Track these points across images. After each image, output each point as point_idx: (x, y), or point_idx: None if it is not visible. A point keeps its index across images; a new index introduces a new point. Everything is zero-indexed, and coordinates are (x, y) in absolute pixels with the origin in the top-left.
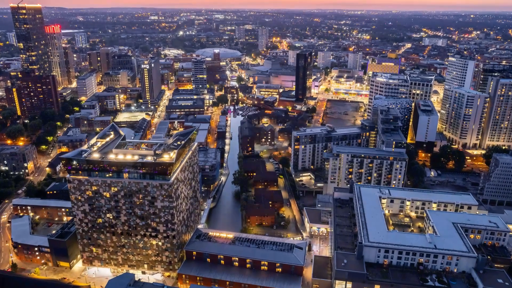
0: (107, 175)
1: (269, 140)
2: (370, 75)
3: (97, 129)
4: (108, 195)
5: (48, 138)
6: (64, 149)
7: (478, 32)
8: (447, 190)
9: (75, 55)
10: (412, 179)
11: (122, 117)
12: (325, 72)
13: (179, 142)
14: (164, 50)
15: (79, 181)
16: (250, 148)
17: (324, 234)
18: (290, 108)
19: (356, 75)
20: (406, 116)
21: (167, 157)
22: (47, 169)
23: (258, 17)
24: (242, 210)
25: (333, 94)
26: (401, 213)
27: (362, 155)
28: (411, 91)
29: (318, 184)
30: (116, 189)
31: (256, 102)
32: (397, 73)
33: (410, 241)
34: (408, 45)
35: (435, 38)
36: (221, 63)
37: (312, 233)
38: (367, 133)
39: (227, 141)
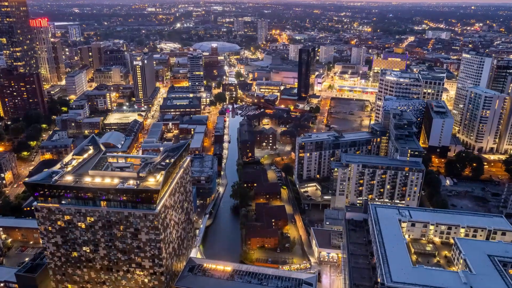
0: (82, 203)
1: (270, 145)
2: (375, 71)
3: (86, 131)
4: (83, 226)
5: (31, 143)
6: (47, 155)
7: (481, 24)
8: (465, 202)
9: (67, 49)
10: (427, 189)
11: (112, 118)
12: (327, 68)
13: (167, 161)
14: (160, 43)
15: (48, 209)
16: (250, 154)
17: (335, 261)
18: (292, 108)
19: (360, 71)
20: (419, 119)
21: (152, 181)
22: (27, 179)
23: (257, 9)
24: (241, 229)
25: (337, 91)
26: (424, 238)
27: (374, 165)
28: (422, 90)
29: (326, 197)
30: (92, 219)
31: (256, 101)
32: (404, 69)
33: (442, 281)
34: (411, 38)
35: (438, 31)
36: (219, 58)
37: (321, 258)
38: (378, 139)
39: (225, 145)
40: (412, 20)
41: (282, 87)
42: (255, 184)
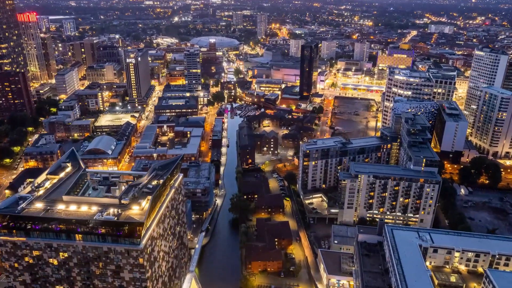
0: (53, 236)
1: (271, 149)
2: (380, 68)
3: (75, 135)
4: (55, 263)
5: (15, 148)
6: (31, 163)
7: (483, 18)
8: (483, 214)
9: (60, 45)
10: (442, 200)
11: (104, 120)
12: (329, 64)
13: (156, 182)
14: (157, 38)
15: (13, 243)
16: (250, 160)
17: None
18: (294, 108)
19: (365, 68)
20: (431, 122)
21: (136, 210)
22: (7, 191)
23: (256, 2)
24: (241, 248)
25: (341, 89)
26: (447, 266)
27: (386, 176)
28: (433, 91)
29: (333, 210)
30: (66, 255)
31: (256, 100)
32: (410, 66)
33: None
34: (414, 32)
35: (441, 25)
36: (217, 54)
37: (331, 286)
38: (388, 145)
39: (223, 150)
40: (413, 14)
41: (283, 85)
42: (256, 196)
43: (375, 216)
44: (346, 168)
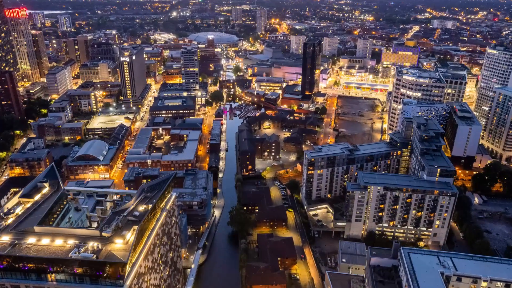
0: (21, 277)
1: (273, 154)
2: (385, 65)
3: (66, 138)
4: None
5: (1, 154)
6: (17, 170)
7: (485, 12)
8: (500, 227)
9: (55, 41)
10: (456, 211)
11: (96, 122)
12: (332, 61)
13: (143, 207)
14: (154, 34)
15: None
16: (250, 167)
17: None
18: (295, 108)
19: (368, 66)
20: (442, 125)
21: (120, 244)
22: None
23: None
24: (241, 268)
25: (344, 88)
26: None
27: (398, 188)
28: (445, 92)
29: (339, 223)
30: None
31: (256, 100)
32: (415, 64)
33: None
34: (416, 28)
35: (444, 20)
36: (216, 50)
37: None
38: (399, 152)
39: (222, 154)
40: (415, 9)
41: (284, 84)
42: (257, 208)
43: (384, 229)
44: (353, 177)
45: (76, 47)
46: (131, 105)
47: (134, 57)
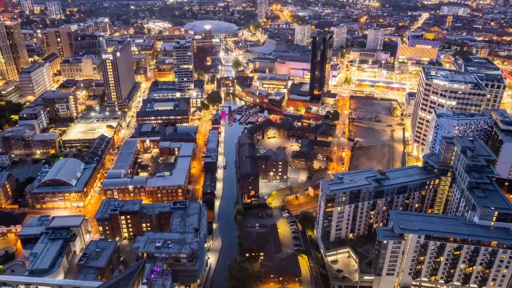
0: None
1: (279, 174)
2: (400, 60)
3: (38, 152)
4: None
5: None
6: None
7: None
8: None
9: (39, 31)
10: None
11: (75, 131)
12: (340, 54)
13: None
14: (148, 22)
15: None
16: (252, 192)
17: None
18: (303, 111)
19: (383, 61)
20: (483, 140)
21: None
22: None
23: None
24: None
25: (356, 86)
26: None
27: (444, 237)
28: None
29: (366, 277)
30: None
31: (258, 100)
32: (434, 58)
33: None
34: (425, 15)
35: (454, 7)
36: (214, 41)
37: None
38: (436, 180)
39: (219, 172)
40: None
41: (289, 82)
42: (262, 255)
43: (423, 285)
44: (380, 212)
45: (59, 39)
46: (116, 109)
47: (118, 54)
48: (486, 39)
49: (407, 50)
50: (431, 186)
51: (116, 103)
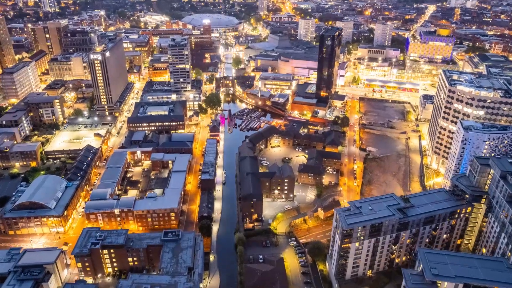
0: None
1: (285, 192)
2: (412, 58)
3: (17, 165)
4: None
5: None
6: None
7: None
8: None
9: (30, 25)
10: None
11: (59, 140)
12: (347, 51)
13: None
14: (145, 16)
15: None
16: (255, 216)
17: None
18: (309, 116)
19: (393, 58)
20: None
21: None
22: None
23: None
24: None
25: (365, 86)
26: None
27: (487, 287)
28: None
29: None
30: None
31: (260, 103)
32: (449, 56)
33: None
34: (432, 8)
35: None
36: (213, 35)
37: None
38: (468, 208)
39: (218, 189)
40: None
41: (294, 83)
42: None
43: None
44: (404, 246)
45: (48, 35)
46: (107, 113)
47: (108, 53)
48: (498, 33)
49: (419, 47)
50: (461, 215)
51: (106, 107)
